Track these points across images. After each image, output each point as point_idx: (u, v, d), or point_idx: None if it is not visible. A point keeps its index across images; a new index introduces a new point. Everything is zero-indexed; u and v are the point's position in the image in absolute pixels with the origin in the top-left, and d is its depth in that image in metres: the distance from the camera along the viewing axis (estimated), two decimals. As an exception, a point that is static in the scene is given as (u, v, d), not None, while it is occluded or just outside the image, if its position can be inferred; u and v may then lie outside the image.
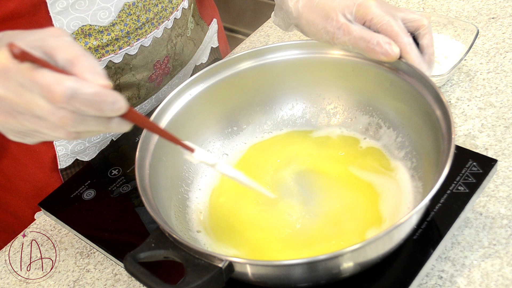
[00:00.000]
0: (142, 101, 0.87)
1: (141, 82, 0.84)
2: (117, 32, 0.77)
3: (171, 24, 0.84)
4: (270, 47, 0.73)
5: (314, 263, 0.53)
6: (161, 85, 0.89)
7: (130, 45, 0.79)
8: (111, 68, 0.79)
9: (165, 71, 0.88)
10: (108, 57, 0.78)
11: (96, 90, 0.45)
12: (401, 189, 0.66)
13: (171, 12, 0.83)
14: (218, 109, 0.75)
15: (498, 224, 0.65)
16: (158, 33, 0.82)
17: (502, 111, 0.78)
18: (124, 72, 0.81)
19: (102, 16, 0.74)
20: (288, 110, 0.77)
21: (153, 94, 0.88)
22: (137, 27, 0.79)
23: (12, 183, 0.86)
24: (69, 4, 0.71)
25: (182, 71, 0.92)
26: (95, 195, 0.75)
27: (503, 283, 0.60)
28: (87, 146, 0.84)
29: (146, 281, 0.52)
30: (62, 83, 0.44)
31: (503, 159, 0.72)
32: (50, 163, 0.83)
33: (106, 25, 0.75)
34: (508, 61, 0.86)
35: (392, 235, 0.54)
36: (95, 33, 0.75)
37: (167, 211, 0.64)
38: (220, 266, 0.52)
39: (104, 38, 0.76)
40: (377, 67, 0.68)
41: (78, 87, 0.45)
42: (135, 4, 0.77)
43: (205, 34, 0.98)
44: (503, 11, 0.95)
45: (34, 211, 0.86)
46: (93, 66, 0.46)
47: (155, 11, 0.80)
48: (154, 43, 0.82)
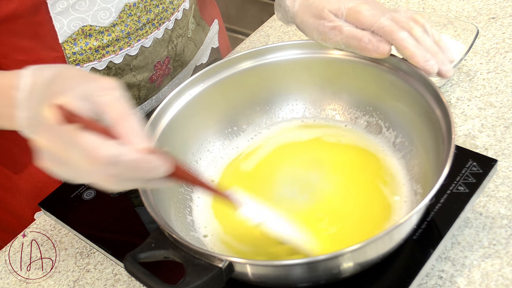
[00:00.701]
0: (142, 102, 0.87)
1: (142, 82, 0.84)
2: (118, 32, 0.77)
3: (172, 25, 0.84)
4: (270, 47, 0.73)
5: (314, 263, 0.53)
6: (162, 85, 0.89)
7: (131, 46, 0.79)
8: (112, 69, 0.79)
9: (166, 72, 0.88)
10: (108, 57, 0.78)
11: (137, 157, 0.45)
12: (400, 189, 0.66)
13: (172, 13, 0.83)
14: (218, 109, 0.75)
15: (498, 224, 0.65)
16: (159, 34, 0.82)
17: (502, 111, 0.78)
18: (125, 73, 0.81)
19: (103, 16, 0.74)
20: (288, 110, 0.77)
21: (154, 95, 0.88)
22: (137, 28, 0.79)
23: (13, 182, 0.86)
24: (69, 5, 0.71)
25: (183, 72, 0.92)
26: (95, 195, 0.75)
27: (503, 283, 0.60)
28: None
29: (146, 281, 0.52)
30: (103, 149, 0.44)
31: (503, 159, 0.72)
32: None
33: (107, 26, 0.75)
34: (508, 61, 0.86)
35: (392, 235, 0.54)
36: (96, 33, 0.75)
37: (167, 211, 0.64)
38: (220, 266, 0.52)
39: (104, 39, 0.76)
40: (377, 67, 0.69)
41: (118, 154, 0.45)
42: (136, 5, 0.77)
43: (206, 35, 0.98)
44: (503, 11, 0.95)
45: (34, 211, 0.86)
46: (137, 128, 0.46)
47: (155, 12, 0.80)
48: (155, 43, 0.82)
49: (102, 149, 0.44)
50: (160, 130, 0.67)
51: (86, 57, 0.76)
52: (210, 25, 0.99)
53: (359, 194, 0.66)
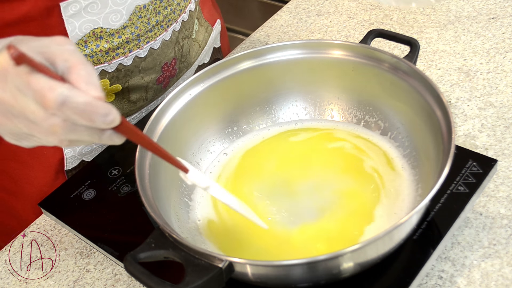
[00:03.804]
0: (149, 103, 0.88)
1: (149, 84, 0.85)
2: (128, 35, 0.77)
3: (179, 26, 0.85)
4: (270, 47, 0.73)
5: (314, 263, 0.53)
6: (168, 87, 0.89)
7: (140, 48, 0.80)
8: (121, 71, 0.80)
9: (172, 73, 0.88)
10: (118, 59, 0.78)
11: (87, 100, 0.45)
12: (400, 189, 0.66)
13: (179, 15, 0.84)
14: (218, 109, 0.75)
15: (498, 224, 0.65)
16: (167, 36, 0.83)
17: (502, 111, 0.78)
18: (133, 75, 0.82)
19: (114, 19, 0.74)
20: (288, 110, 0.77)
21: (159, 96, 0.89)
22: (147, 30, 0.79)
23: (18, 186, 0.86)
24: (81, 7, 0.71)
25: (187, 73, 0.93)
26: (95, 195, 0.75)
27: (503, 283, 0.60)
28: (94, 148, 0.85)
29: (146, 281, 0.52)
30: (54, 90, 0.45)
31: (503, 159, 0.72)
32: (57, 165, 0.84)
33: (117, 28, 0.75)
34: (508, 61, 0.86)
35: (392, 235, 0.54)
36: (106, 36, 0.75)
37: (167, 211, 0.64)
38: (220, 266, 0.52)
39: (115, 41, 0.76)
40: (377, 67, 0.69)
41: (70, 95, 0.45)
42: (146, 7, 0.77)
43: (210, 35, 0.98)
44: (503, 11, 0.95)
45: (38, 216, 0.86)
46: (90, 76, 0.46)
47: (164, 14, 0.80)
48: (163, 45, 0.83)
49: (54, 90, 0.45)
50: (160, 130, 0.68)
51: (96, 59, 0.76)
52: (213, 25, 1.00)
53: (359, 194, 0.66)
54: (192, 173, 0.57)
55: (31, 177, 0.84)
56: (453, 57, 0.89)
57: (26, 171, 0.84)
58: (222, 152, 0.75)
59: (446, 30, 0.89)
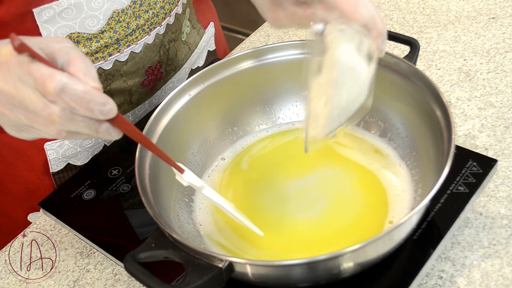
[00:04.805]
0: (135, 107, 0.87)
1: (133, 88, 0.84)
2: (107, 39, 0.76)
3: (164, 29, 0.83)
4: (270, 47, 0.73)
5: (314, 263, 0.53)
6: (154, 90, 0.88)
7: (120, 52, 0.79)
8: (101, 75, 0.79)
9: (158, 76, 0.87)
10: (97, 64, 0.77)
11: (86, 89, 0.47)
12: (401, 189, 0.66)
13: (164, 18, 0.82)
14: (218, 109, 0.75)
15: (498, 224, 0.65)
16: (150, 39, 0.81)
17: (502, 111, 0.78)
18: (115, 79, 0.81)
19: (91, 24, 0.74)
20: (288, 110, 0.77)
21: (146, 100, 0.88)
22: (127, 34, 0.78)
23: (4, 185, 0.86)
24: (56, 13, 0.70)
25: (176, 76, 0.91)
26: (95, 195, 0.75)
27: (503, 283, 0.60)
28: (78, 151, 0.84)
29: (146, 281, 0.52)
30: (54, 77, 0.46)
31: (503, 159, 0.72)
32: (42, 167, 0.83)
33: (95, 33, 0.75)
34: (508, 61, 0.86)
35: (392, 235, 0.54)
36: (84, 40, 0.74)
37: (167, 211, 0.64)
38: (220, 266, 0.52)
39: (93, 45, 0.75)
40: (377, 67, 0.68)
41: (69, 83, 0.46)
42: (124, 11, 0.76)
43: (201, 38, 0.97)
44: (503, 11, 0.95)
45: (26, 213, 0.86)
46: (88, 69, 0.48)
47: (145, 18, 0.79)
48: (146, 49, 0.81)
49: (54, 77, 0.46)
50: (160, 130, 0.68)
51: None
52: (206, 28, 0.98)
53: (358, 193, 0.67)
54: (187, 174, 0.57)
55: (17, 176, 0.84)
56: (453, 57, 0.89)
57: (12, 171, 0.84)
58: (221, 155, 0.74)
59: (446, 30, 0.89)
